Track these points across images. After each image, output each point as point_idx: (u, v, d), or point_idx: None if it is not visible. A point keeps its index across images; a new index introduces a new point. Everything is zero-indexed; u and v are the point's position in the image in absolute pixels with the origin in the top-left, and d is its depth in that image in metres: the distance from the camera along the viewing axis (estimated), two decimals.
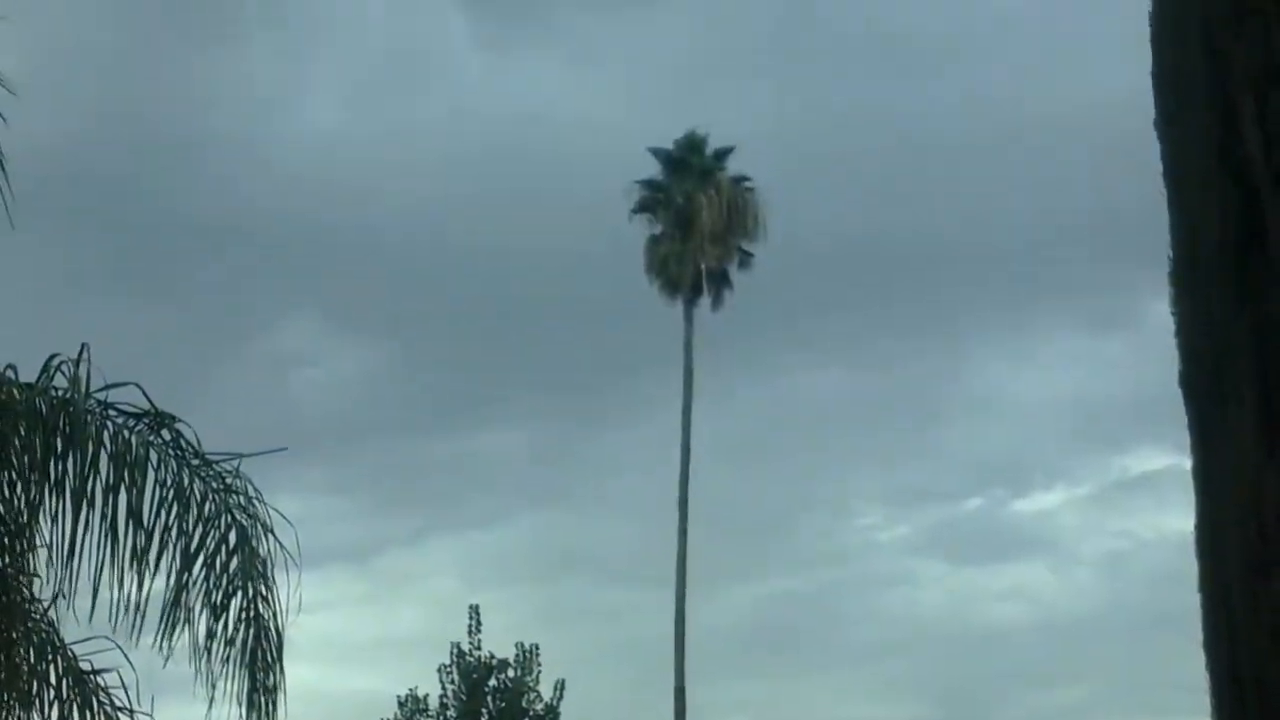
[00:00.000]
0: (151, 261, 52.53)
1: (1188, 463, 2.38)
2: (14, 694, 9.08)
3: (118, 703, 9.37)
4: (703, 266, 42.47)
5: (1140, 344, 47.77)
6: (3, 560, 8.99)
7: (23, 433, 8.90)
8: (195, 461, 9.07)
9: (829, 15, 56.94)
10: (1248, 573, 2.28)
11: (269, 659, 9.11)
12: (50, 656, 9.32)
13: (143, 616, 8.77)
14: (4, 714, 8.99)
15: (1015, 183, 53.34)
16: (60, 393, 9.00)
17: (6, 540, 8.95)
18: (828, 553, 57.59)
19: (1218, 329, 2.31)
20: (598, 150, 48.99)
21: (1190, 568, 2.38)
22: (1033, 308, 58.81)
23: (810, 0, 57.92)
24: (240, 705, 9.01)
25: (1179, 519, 2.39)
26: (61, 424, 8.86)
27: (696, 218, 42.24)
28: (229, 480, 9.10)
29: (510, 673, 36.75)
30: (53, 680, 9.33)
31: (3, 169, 9.18)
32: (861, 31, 55.98)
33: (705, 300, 42.92)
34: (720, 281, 43.01)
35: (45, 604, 9.05)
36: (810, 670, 53.10)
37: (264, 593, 9.07)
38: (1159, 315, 2.46)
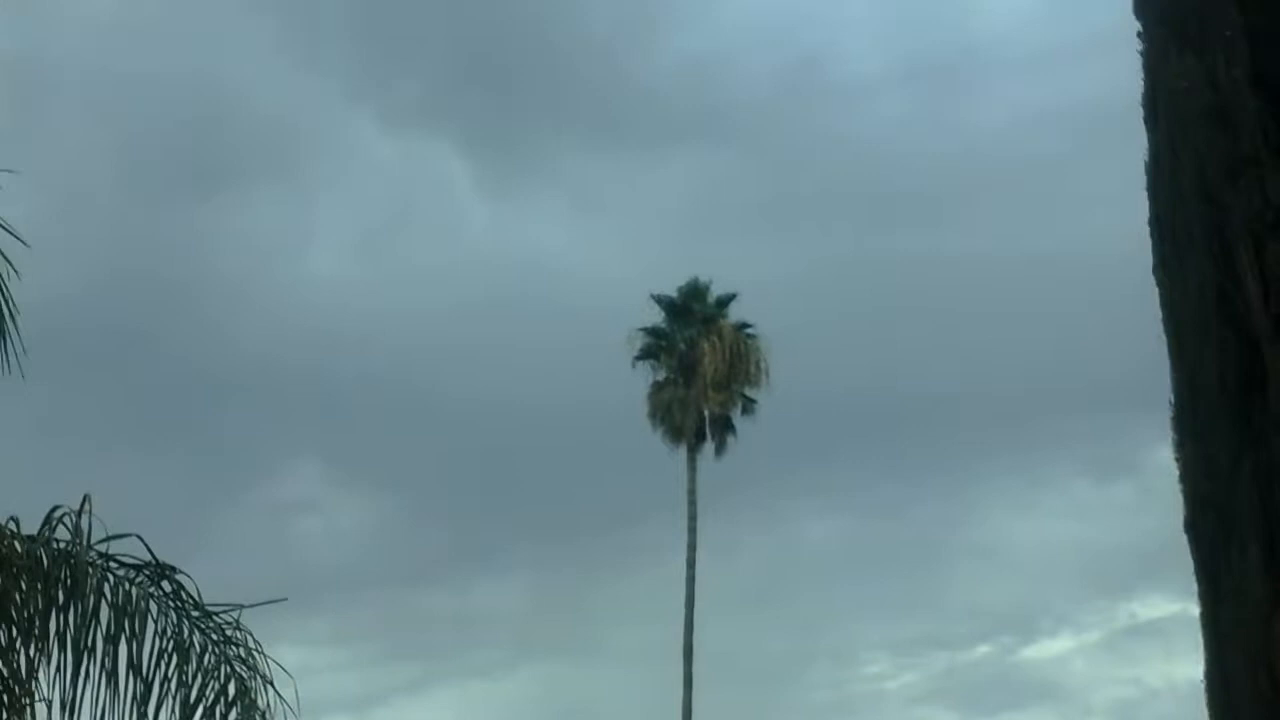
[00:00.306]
0: (155, 410, 52.65)
1: (1195, 609, 2.37)
2: None
3: None
4: (706, 413, 42.47)
5: (1144, 490, 47.66)
6: (2, 716, 8.91)
7: (24, 587, 8.88)
8: (195, 613, 9.03)
9: (830, 169, 57.57)
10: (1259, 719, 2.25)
11: None
12: None
13: None
14: None
15: (1017, 330, 53.57)
16: (62, 545, 8.99)
17: (5, 697, 8.88)
18: (835, 702, 56.94)
19: (1221, 474, 2.31)
20: (600, 297, 49.26)
21: (1201, 716, 2.36)
22: (1036, 455, 58.74)
23: (811, 154, 58.60)
24: None
25: (1188, 666, 2.37)
26: (63, 576, 8.84)
27: (699, 364, 42.35)
28: (229, 632, 9.06)
29: None
30: None
31: (14, 320, 9.24)
32: (862, 184, 56.58)
33: (709, 447, 42.84)
34: (724, 428, 42.98)
35: None
36: None
37: None
38: (1162, 462, 2.46)
